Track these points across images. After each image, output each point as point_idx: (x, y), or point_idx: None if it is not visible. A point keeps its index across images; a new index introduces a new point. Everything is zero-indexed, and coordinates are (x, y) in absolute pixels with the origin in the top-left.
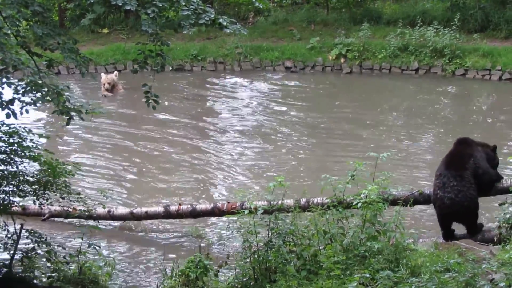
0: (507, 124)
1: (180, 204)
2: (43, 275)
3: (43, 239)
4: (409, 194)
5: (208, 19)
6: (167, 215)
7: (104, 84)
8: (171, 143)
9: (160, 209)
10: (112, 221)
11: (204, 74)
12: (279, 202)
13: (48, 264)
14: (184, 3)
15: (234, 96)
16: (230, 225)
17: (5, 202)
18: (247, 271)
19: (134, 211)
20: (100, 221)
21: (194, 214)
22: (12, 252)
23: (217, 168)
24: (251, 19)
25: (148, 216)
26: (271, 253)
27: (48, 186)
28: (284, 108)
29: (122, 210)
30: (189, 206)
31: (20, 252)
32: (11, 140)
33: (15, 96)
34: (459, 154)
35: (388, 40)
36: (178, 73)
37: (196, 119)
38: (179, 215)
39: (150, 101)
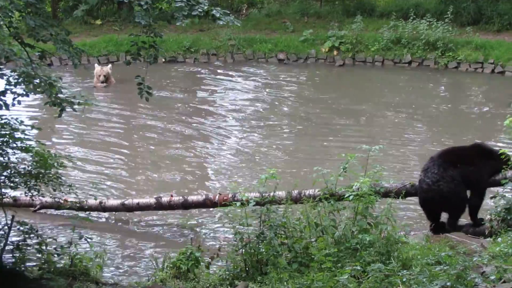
0: (499, 116)
1: (171, 196)
2: (34, 267)
3: (34, 231)
4: (401, 186)
5: (201, 10)
6: (159, 206)
7: (99, 76)
8: (163, 135)
9: (151, 200)
10: (103, 213)
11: (197, 66)
12: (271, 194)
13: (39, 256)
14: None
15: (227, 88)
16: (222, 217)
17: None
18: (239, 263)
19: (126, 202)
20: (91, 213)
21: (186, 205)
22: (2, 244)
23: (209, 160)
24: (244, 11)
25: (140, 207)
26: (262, 245)
27: (40, 177)
28: (277, 101)
29: (113, 201)
30: (180, 197)
31: (11, 244)
32: (2, 132)
33: (7, 87)
34: (463, 153)
35: (381, 33)
36: (171, 65)
37: (189, 110)
38: (170, 206)
39: (143, 92)
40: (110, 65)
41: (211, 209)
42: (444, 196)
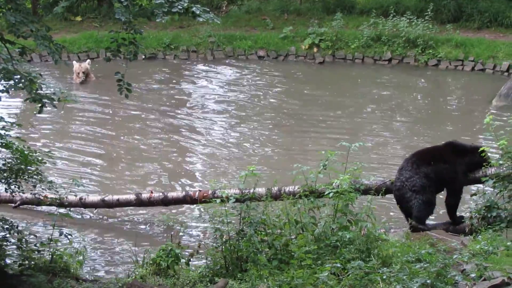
0: (479, 114)
1: (151, 192)
2: (14, 263)
3: (15, 227)
4: (380, 183)
5: (181, 7)
6: (139, 202)
7: (78, 73)
8: (143, 131)
9: (131, 196)
10: (83, 210)
11: (177, 63)
12: (251, 190)
13: (19, 252)
14: None
15: (207, 85)
16: (202, 214)
17: None
18: (219, 260)
19: (106, 198)
20: (71, 209)
21: (166, 202)
22: None
23: (189, 156)
24: (224, 8)
25: (120, 203)
26: (242, 242)
27: (20, 174)
28: (257, 98)
29: (93, 197)
30: (160, 194)
31: None
32: None
33: None
34: (436, 151)
35: (361, 30)
36: (151, 62)
37: (169, 107)
38: (150, 202)
39: (123, 89)
40: (88, 61)
41: (191, 205)
42: (416, 191)
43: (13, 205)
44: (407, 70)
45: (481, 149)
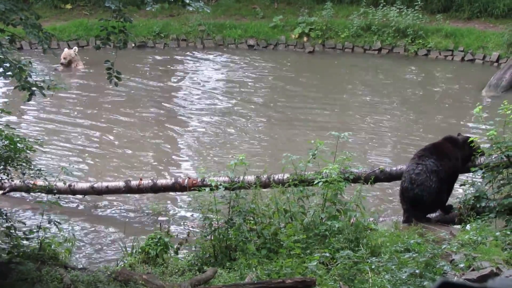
0: (468, 104)
1: (141, 179)
2: (2, 251)
3: (3, 215)
4: (370, 172)
5: None
6: (128, 189)
7: (61, 58)
8: (133, 119)
9: (121, 183)
10: (72, 198)
11: (167, 51)
12: (241, 178)
13: (8, 240)
14: None
15: (197, 73)
16: (191, 202)
17: None
18: (208, 249)
19: (95, 185)
20: (60, 196)
21: (155, 189)
22: None
23: (178, 145)
24: None
25: (109, 190)
26: (231, 231)
27: (9, 161)
28: (247, 86)
29: (83, 184)
30: (150, 181)
31: None
32: None
33: None
34: (440, 148)
35: (351, 20)
36: (141, 50)
37: (159, 95)
38: (140, 190)
39: (112, 77)
40: (75, 48)
41: (180, 194)
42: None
43: (1, 191)
44: (397, 60)
45: (470, 139)
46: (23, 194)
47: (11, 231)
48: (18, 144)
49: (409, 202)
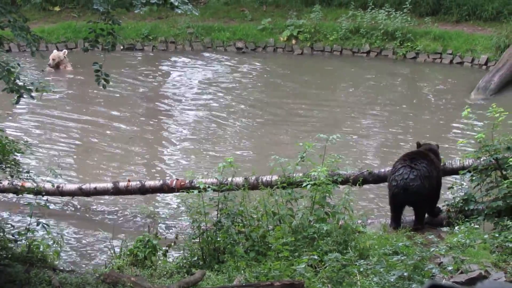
0: (456, 106)
1: (129, 180)
2: None
3: None
4: (358, 174)
5: None
6: (116, 191)
7: (49, 59)
8: (121, 121)
9: (109, 185)
10: (61, 200)
11: (155, 54)
12: (229, 179)
13: None
14: None
15: (185, 76)
16: (180, 204)
17: None
18: (196, 251)
19: (83, 187)
20: (49, 199)
21: (143, 190)
22: None
23: (166, 146)
24: None
25: (97, 192)
26: (220, 233)
27: None
28: (235, 88)
29: (71, 186)
30: (138, 182)
31: None
32: None
33: None
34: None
35: (340, 22)
36: (129, 52)
37: (147, 97)
38: (128, 191)
39: (101, 79)
40: (64, 51)
41: (168, 197)
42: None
43: None
44: (385, 63)
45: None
46: (12, 195)
47: None
48: (7, 146)
49: (401, 206)
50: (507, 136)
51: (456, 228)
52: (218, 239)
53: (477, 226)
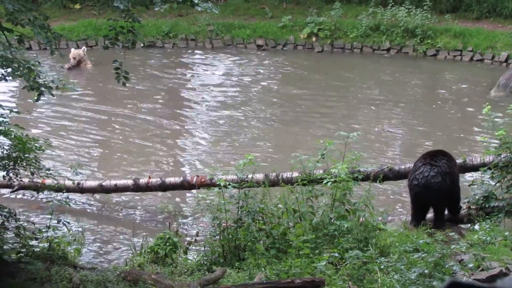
0: (477, 104)
1: (149, 177)
2: (12, 250)
3: (13, 215)
4: (378, 170)
5: None
6: (137, 188)
7: (70, 59)
8: (141, 118)
9: (129, 182)
10: (81, 198)
11: (176, 51)
12: (249, 176)
13: (17, 240)
14: None
15: (206, 73)
16: (200, 201)
17: None
18: (216, 249)
19: (103, 183)
20: (69, 196)
21: (163, 187)
22: None
23: (187, 144)
24: None
25: (118, 188)
26: (240, 231)
27: (18, 161)
28: (256, 86)
29: (91, 182)
30: (158, 179)
31: None
32: None
33: None
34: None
35: (360, 20)
36: (150, 50)
37: (167, 95)
38: (148, 188)
39: (121, 77)
40: (84, 48)
41: (189, 194)
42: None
43: (10, 190)
44: (405, 60)
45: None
46: (32, 193)
47: (20, 231)
48: (28, 144)
49: (423, 205)
50: None
51: (476, 225)
52: (239, 236)
53: (498, 223)
